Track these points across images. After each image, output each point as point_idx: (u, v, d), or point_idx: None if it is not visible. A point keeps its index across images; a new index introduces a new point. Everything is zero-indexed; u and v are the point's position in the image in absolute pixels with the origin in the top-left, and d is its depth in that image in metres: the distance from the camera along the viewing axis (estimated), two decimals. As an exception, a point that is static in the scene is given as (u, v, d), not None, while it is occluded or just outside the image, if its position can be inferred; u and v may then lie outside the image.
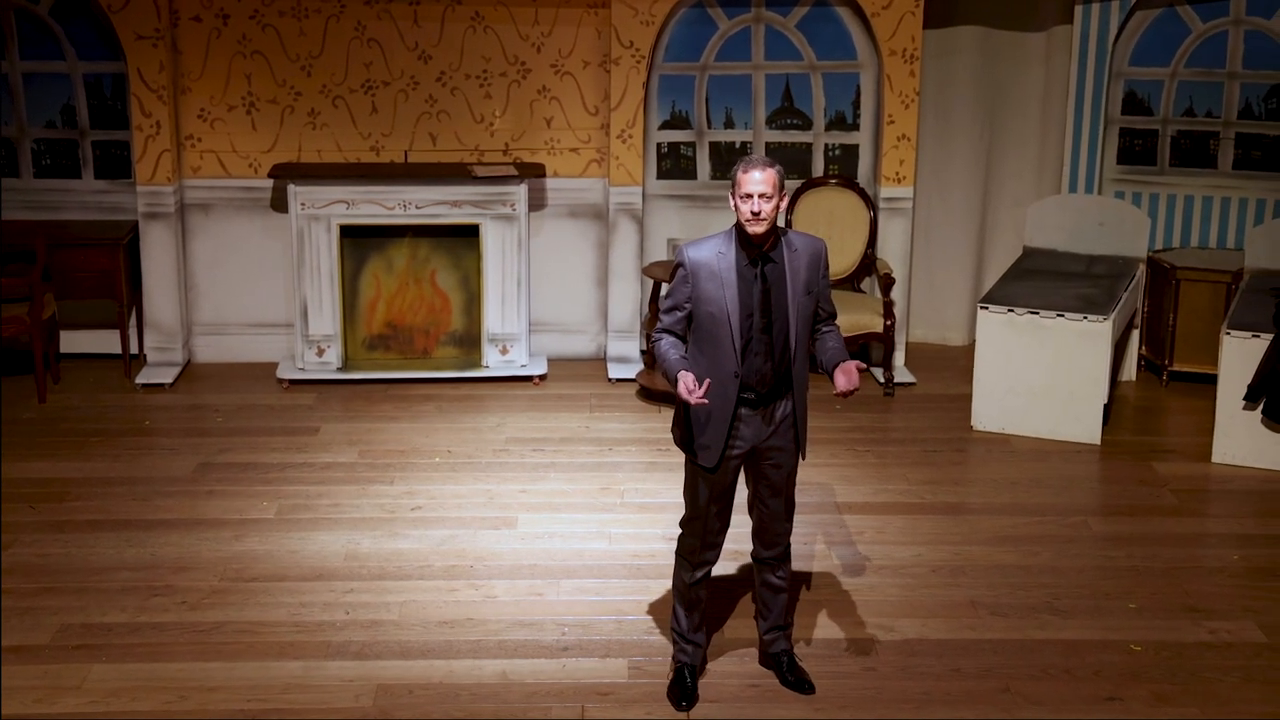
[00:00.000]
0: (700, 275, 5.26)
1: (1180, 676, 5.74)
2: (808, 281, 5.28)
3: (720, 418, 5.30)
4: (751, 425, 5.34)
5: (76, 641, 5.92)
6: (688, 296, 5.28)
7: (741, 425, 5.33)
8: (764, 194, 5.14)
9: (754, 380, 5.28)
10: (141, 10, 8.82)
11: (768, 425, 5.35)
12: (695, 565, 5.53)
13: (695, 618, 5.61)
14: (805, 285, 5.27)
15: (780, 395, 5.34)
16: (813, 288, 5.30)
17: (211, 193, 9.26)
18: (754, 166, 5.17)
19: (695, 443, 5.37)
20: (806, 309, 5.29)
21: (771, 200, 5.16)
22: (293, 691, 5.58)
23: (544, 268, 9.44)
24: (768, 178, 5.15)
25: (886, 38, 9.10)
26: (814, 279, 5.30)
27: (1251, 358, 7.74)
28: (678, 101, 9.44)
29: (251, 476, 7.61)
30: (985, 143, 9.75)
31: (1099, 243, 9.19)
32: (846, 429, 8.38)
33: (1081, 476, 7.77)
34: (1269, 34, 9.34)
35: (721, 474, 5.38)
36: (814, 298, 5.31)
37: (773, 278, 5.25)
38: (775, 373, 5.29)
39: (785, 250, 5.27)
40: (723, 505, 5.48)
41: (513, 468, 7.77)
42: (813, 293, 5.30)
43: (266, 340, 9.44)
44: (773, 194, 5.15)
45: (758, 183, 5.14)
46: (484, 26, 9.17)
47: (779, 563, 5.63)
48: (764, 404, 5.33)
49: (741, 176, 5.17)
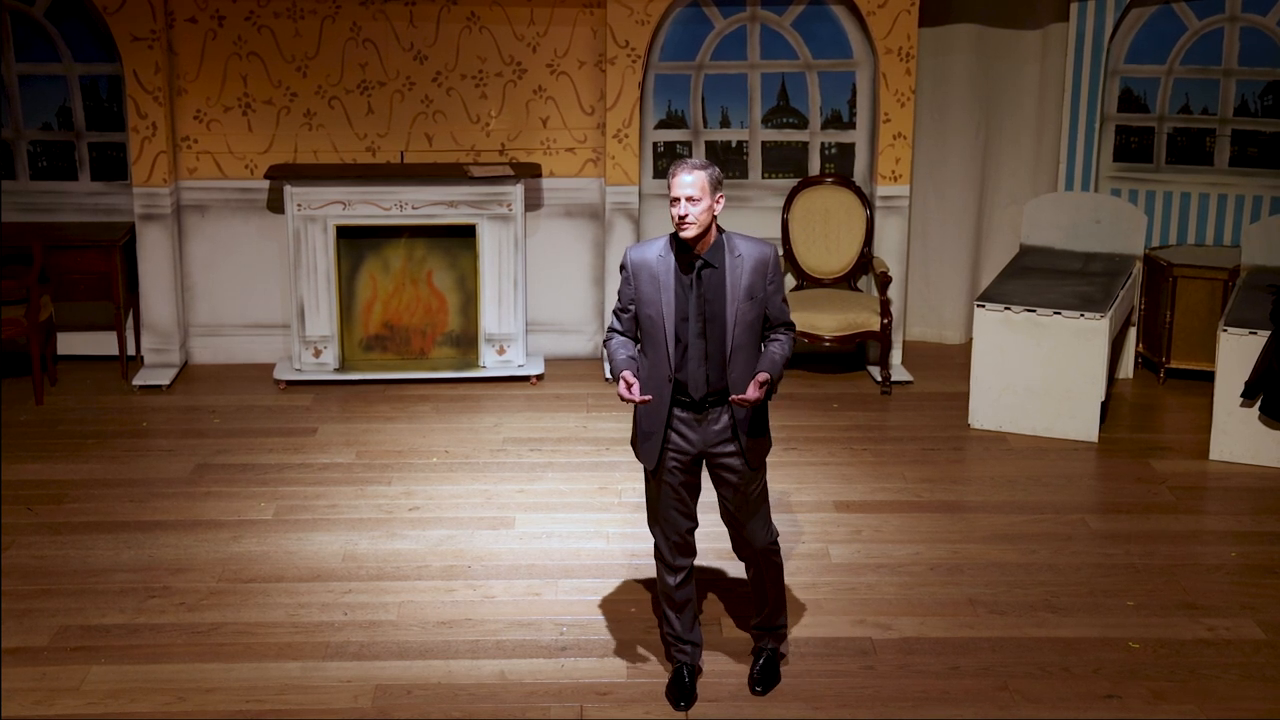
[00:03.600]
0: (641, 276, 5.25)
1: (1178, 674, 5.74)
2: (750, 287, 5.19)
3: (656, 421, 5.28)
4: (692, 430, 5.29)
5: (74, 643, 5.92)
6: (631, 298, 5.28)
7: (680, 429, 5.29)
8: (690, 197, 5.07)
9: (690, 385, 5.24)
10: (137, 12, 8.82)
11: (708, 432, 5.30)
12: (671, 569, 5.51)
13: (685, 618, 5.59)
14: (747, 291, 5.19)
15: (719, 403, 5.27)
16: (756, 294, 5.20)
17: (208, 194, 9.26)
18: (682, 169, 5.10)
19: (637, 444, 5.38)
20: (747, 315, 5.20)
21: (699, 203, 5.08)
22: (291, 692, 5.59)
23: (540, 267, 9.44)
24: (695, 181, 5.07)
25: (882, 36, 9.10)
26: (758, 285, 5.20)
27: (1248, 355, 7.74)
28: (673, 101, 9.44)
29: (249, 477, 7.61)
30: (981, 141, 9.76)
31: (1095, 240, 9.19)
32: (844, 428, 8.38)
33: (1079, 474, 7.77)
34: (1265, 30, 9.34)
35: (665, 476, 5.35)
36: (758, 304, 5.22)
37: (710, 283, 5.18)
38: (709, 379, 5.24)
39: (727, 255, 5.19)
40: (680, 509, 5.41)
41: (510, 468, 7.77)
42: (756, 299, 5.21)
43: (263, 341, 9.43)
44: (700, 197, 5.07)
45: (684, 186, 5.07)
46: (479, 27, 9.16)
47: (759, 566, 5.57)
48: (699, 410, 5.27)
49: (670, 180, 5.11)
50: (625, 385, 5.16)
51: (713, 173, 5.13)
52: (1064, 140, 9.58)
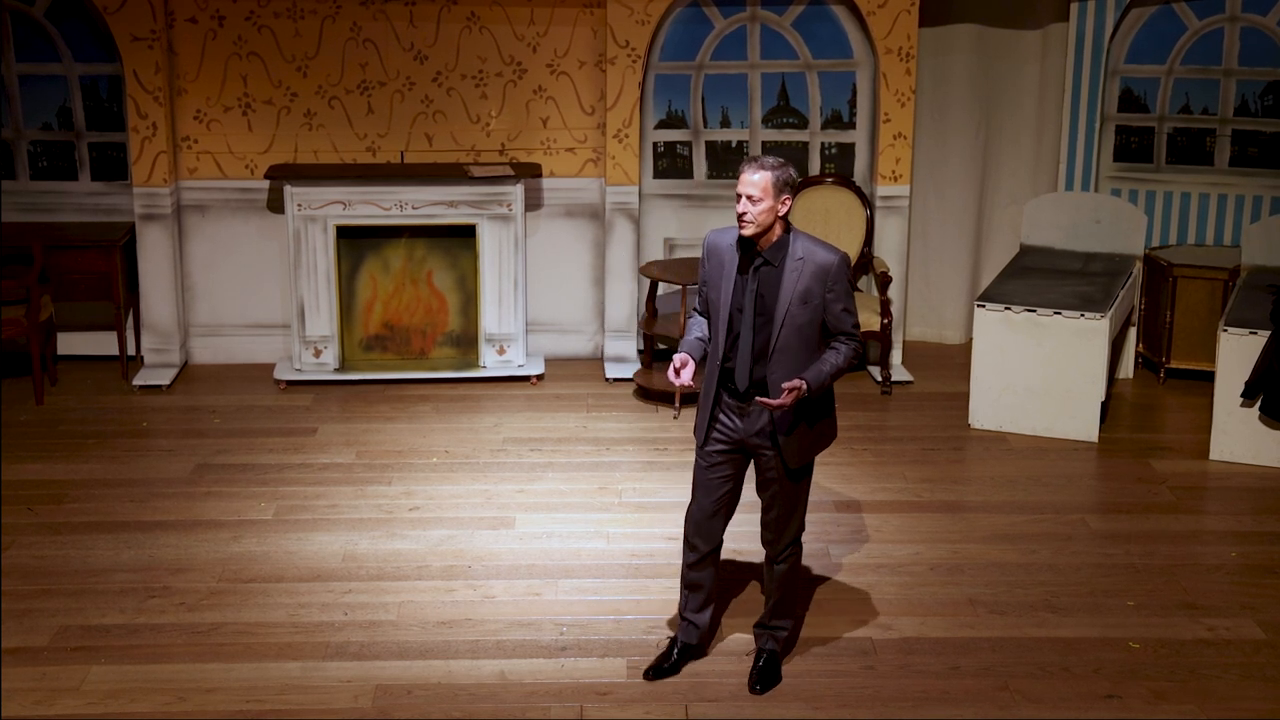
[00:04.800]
0: (711, 259, 5.38)
1: (1179, 674, 5.74)
2: (805, 291, 5.20)
3: (705, 402, 5.43)
4: (736, 419, 5.38)
5: (75, 643, 5.92)
6: (704, 278, 5.41)
7: (727, 414, 5.39)
8: (751, 196, 5.13)
9: (736, 374, 5.33)
10: (137, 12, 8.82)
11: (749, 425, 5.37)
12: (690, 546, 5.60)
13: (696, 599, 5.65)
14: (802, 295, 5.21)
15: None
16: (811, 298, 5.22)
17: (208, 194, 9.25)
18: (748, 167, 5.17)
19: (695, 419, 5.51)
20: (799, 318, 5.23)
21: (760, 203, 5.13)
22: (291, 692, 5.58)
23: (541, 268, 9.44)
24: (758, 180, 5.13)
25: (882, 36, 9.10)
26: (814, 290, 5.21)
27: (1249, 355, 7.74)
28: (674, 101, 9.44)
29: (249, 477, 7.61)
30: (981, 141, 9.76)
31: (1095, 240, 9.19)
32: (844, 427, 8.36)
33: (1079, 474, 7.77)
34: (1265, 30, 9.34)
35: (707, 454, 5.45)
36: (812, 309, 5.23)
37: (766, 280, 5.24)
38: (752, 374, 5.30)
39: (788, 257, 5.22)
40: (714, 493, 5.49)
41: (510, 468, 7.77)
42: (810, 304, 5.22)
43: (263, 341, 9.43)
44: (761, 197, 5.12)
45: (745, 184, 5.16)
46: (479, 27, 9.16)
47: (776, 561, 5.63)
48: (743, 400, 5.35)
49: (739, 175, 5.20)
50: (673, 369, 5.29)
51: (781, 174, 5.16)
52: (1064, 140, 9.58)
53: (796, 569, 5.68)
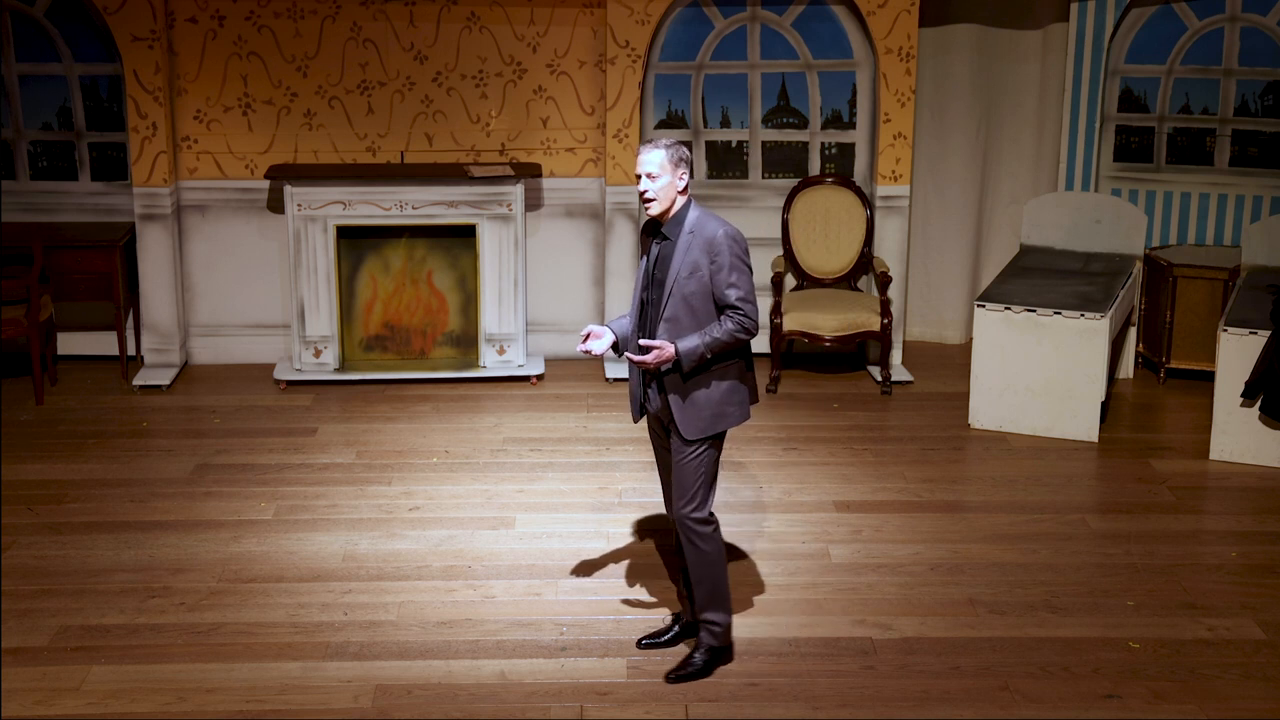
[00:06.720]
0: (643, 244, 5.59)
1: (1179, 674, 5.74)
2: (694, 263, 5.34)
3: (631, 380, 5.62)
4: (655, 395, 5.53)
5: (75, 643, 5.92)
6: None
7: (649, 390, 5.55)
8: (650, 174, 5.31)
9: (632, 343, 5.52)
10: (137, 12, 8.82)
11: (655, 397, 5.52)
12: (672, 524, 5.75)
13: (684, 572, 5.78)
14: (690, 267, 5.34)
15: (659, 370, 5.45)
16: (698, 270, 5.33)
17: (208, 194, 9.26)
18: (643, 147, 5.35)
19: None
20: (686, 288, 5.34)
21: (659, 179, 5.31)
22: (291, 692, 5.58)
23: (541, 267, 9.44)
24: (654, 158, 5.30)
25: (882, 36, 9.10)
26: (701, 263, 5.33)
27: (1249, 354, 7.74)
28: (674, 101, 9.44)
29: (249, 477, 7.61)
30: (982, 141, 9.76)
31: (1096, 240, 9.19)
32: (844, 427, 8.38)
33: (1079, 474, 7.77)
34: (1265, 30, 9.34)
35: (650, 433, 5.72)
36: (698, 281, 5.34)
37: (663, 253, 5.42)
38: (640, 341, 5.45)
39: (683, 231, 5.37)
40: (661, 463, 5.73)
41: (510, 468, 7.77)
42: (696, 275, 5.33)
43: (264, 341, 9.43)
44: (659, 173, 5.31)
45: (643, 163, 5.32)
46: (479, 27, 9.17)
47: (679, 540, 5.65)
48: (648, 372, 5.49)
49: (637, 157, 5.36)
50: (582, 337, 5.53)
51: (675, 150, 5.33)
52: (1064, 140, 9.58)
53: (705, 555, 5.55)
